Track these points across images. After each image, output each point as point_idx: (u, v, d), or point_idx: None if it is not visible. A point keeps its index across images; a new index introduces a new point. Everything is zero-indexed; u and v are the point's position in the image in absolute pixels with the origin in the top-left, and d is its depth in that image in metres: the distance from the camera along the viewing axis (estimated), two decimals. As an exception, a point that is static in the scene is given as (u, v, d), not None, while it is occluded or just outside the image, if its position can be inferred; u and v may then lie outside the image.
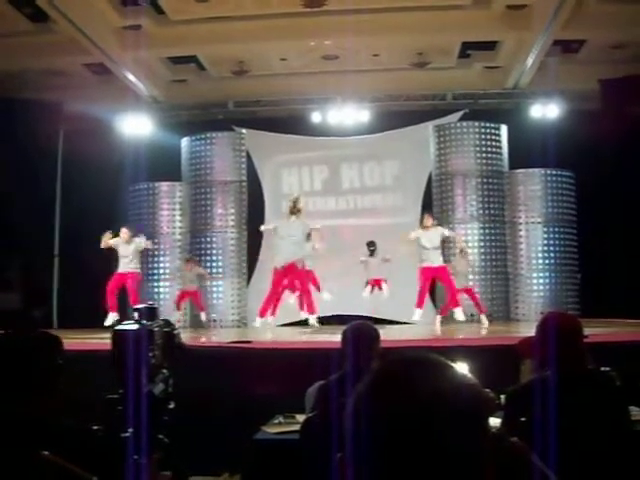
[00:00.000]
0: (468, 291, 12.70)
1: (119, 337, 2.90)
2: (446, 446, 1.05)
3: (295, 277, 11.46)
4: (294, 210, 11.28)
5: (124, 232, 12.46)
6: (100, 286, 12.37)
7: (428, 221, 11.63)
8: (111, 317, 11.95)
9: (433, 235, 11.50)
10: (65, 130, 14.48)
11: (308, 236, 11.50)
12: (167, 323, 3.41)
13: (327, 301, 12.48)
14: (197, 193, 14.94)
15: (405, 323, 12.90)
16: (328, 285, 12.83)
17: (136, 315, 3.04)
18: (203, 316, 13.91)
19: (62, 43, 12.39)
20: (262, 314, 11.44)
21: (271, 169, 15.82)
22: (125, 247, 12.42)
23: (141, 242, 12.60)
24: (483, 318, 12.43)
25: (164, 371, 3.31)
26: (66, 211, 14.53)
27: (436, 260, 11.52)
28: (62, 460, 1.91)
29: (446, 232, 11.78)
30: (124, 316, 12.98)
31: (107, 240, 12.20)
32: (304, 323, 11.95)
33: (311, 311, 11.40)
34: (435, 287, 14.13)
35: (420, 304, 11.62)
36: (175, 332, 3.43)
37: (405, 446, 1.05)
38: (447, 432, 1.06)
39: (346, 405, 1.15)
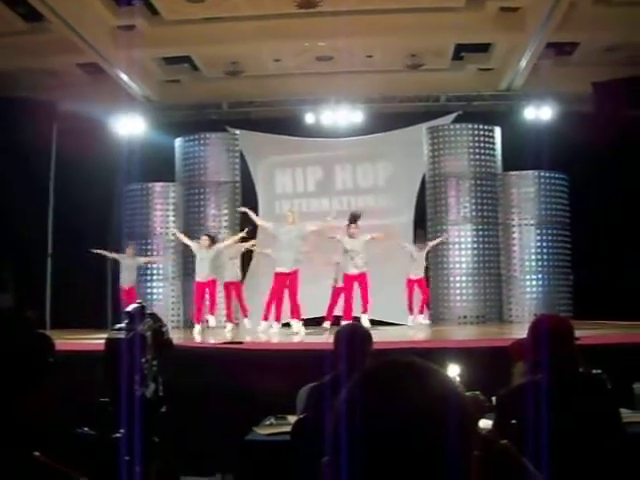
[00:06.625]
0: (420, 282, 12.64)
1: (112, 344, 2.86)
2: (429, 451, 1.07)
3: (293, 282, 11.37)
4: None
5: (204, 239, 12.49)
6: (93, 286, 12.28)
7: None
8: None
9: (357, 242, 11.34)
10: (59, 130, 14.43)
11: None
12: (154, 318, 3.37)
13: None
14: (191, 194, 14.93)
15: (398, 324, 12.93)
16: (322, 285, 12.75)
17: (127, 319, 3.00)
18: (229, 327, 12.85)
19: (56, 43, 12.37)
20: (265, 317, 11.55)
21: (265, 170, 15.80)
22: (202, 254, 12.31)
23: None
24: (421, 318, 12.33)
25: (154, 368, 3.28)
26: (59, 211, 14.47)
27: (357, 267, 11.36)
28: (52, 461, 1.91)
29: (367, 236, 11.44)
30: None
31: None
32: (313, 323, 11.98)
33: (297, 316, 11.40)
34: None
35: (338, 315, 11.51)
36: (163, 329, 3.40)
37: (389, 450, 1.07)
38: (430, 437, 1.07)
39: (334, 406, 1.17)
